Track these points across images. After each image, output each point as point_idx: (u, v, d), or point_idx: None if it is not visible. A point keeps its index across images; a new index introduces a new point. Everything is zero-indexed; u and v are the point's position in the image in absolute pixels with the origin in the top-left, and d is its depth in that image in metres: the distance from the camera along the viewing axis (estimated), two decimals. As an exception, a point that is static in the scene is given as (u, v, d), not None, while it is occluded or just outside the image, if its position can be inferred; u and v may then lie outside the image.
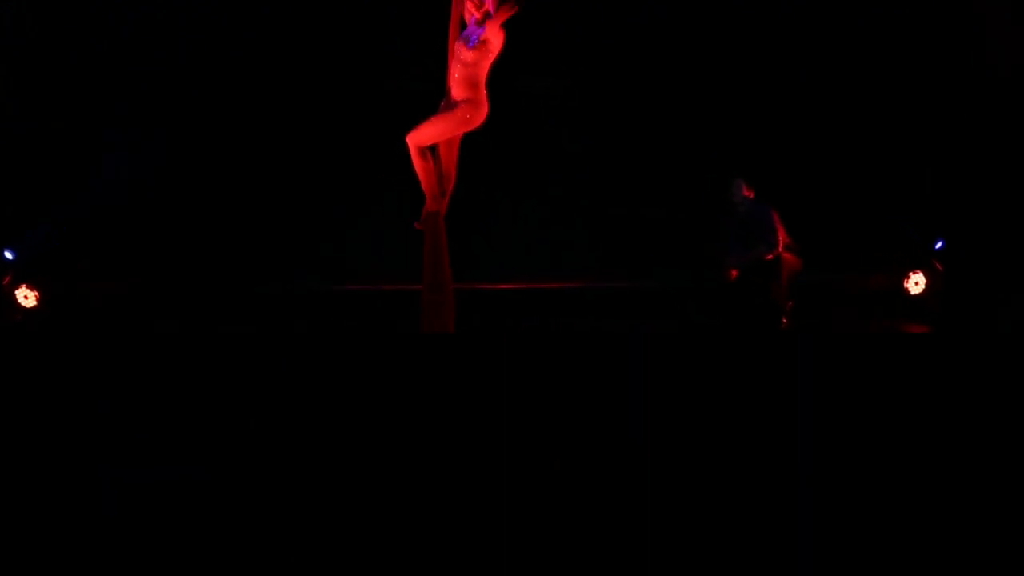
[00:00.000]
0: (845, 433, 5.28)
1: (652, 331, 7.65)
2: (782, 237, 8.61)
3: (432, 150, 7.05)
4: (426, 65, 7.42)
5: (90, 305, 8.71)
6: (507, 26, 6.83)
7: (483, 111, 6.94)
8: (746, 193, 8.72)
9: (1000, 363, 5.56)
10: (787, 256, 8.63)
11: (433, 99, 7.11)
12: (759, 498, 4.88)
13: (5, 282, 8.95)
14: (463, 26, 7.00)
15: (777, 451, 5.13)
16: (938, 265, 9.15)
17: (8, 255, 8.86)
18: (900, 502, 5.04)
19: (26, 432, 5.00)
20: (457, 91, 6.95)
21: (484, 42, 6.82)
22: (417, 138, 6.97)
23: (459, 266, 7.16)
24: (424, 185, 7.04)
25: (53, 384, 5.17)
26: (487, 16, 6.82)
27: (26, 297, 8.89)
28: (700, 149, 9.83)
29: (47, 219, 9.14)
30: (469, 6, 6.87)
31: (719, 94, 9.87)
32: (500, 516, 4.62)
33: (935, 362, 5.66)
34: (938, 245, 9.24)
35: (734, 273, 8.61)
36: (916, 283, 9.20)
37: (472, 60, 6.86)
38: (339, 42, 9.82)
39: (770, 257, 8.49)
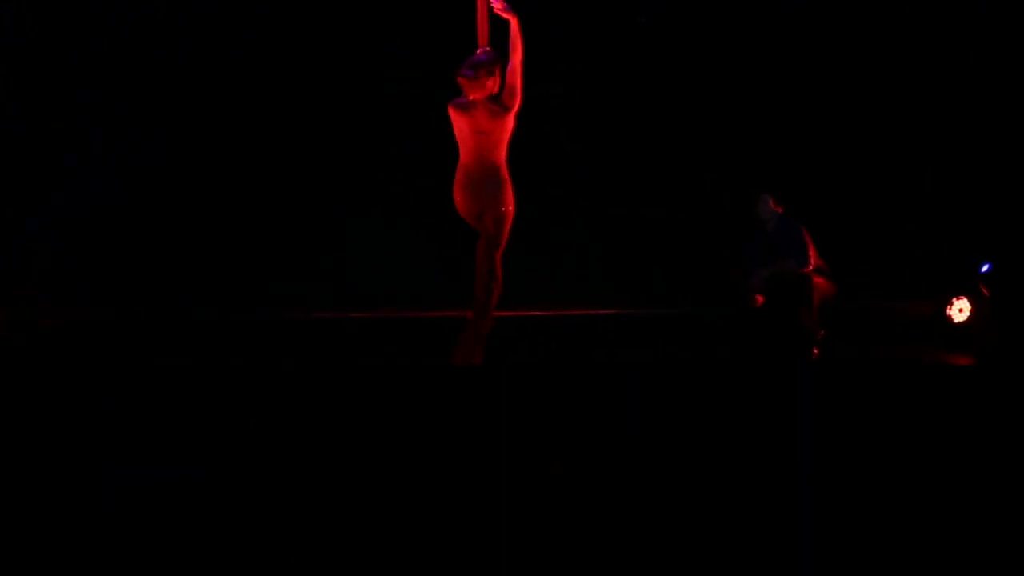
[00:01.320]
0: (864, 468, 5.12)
1: (650, 365, 7.52)
2: (813, 257, 8.31)
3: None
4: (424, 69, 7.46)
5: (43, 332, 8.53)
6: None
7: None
8: (773, 207, 8.40)
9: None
10: (818, 280, 8.32)
11: (429, 104, 6.97)
12: (760, 507, 4.82)
13: None
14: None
15: (780, 465, 5.04)
16: (984, 290, 8.85)
17: None
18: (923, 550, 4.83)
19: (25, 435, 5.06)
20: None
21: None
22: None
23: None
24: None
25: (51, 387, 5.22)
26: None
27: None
28: (722, 164, 9.70)
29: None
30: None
31: (742, 104, 9.74)
32: (500, 516, 4.62)
33: (978, 398, 5.43)
34: (984, 268, 8.93)
35: (759, 299, 8.31)
36: (960, 310, 8.94)
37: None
38: (331, 48, 9.68)
39: (801, 272, 8.21)
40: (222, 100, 9.58)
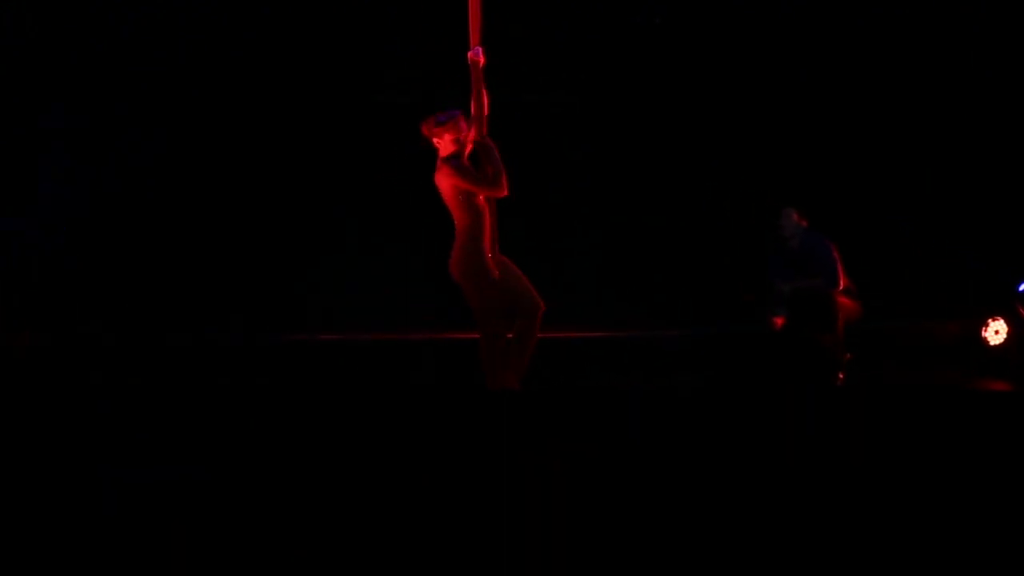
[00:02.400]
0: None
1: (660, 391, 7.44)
2: (842, 276, 8.06)
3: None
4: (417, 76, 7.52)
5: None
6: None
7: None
8: (797, 221, 8.17)
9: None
10: (843, 300, 8.05)
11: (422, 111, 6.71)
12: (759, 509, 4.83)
13: None
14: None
15: (805, 496, 4.95)
16: (1022, 311, 8.66)
17: None
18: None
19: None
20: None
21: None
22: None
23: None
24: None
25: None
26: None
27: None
28: (737, 177, 9.68)
29: None
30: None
31: (760, 112, 9.70)
32: (500, 517, 4.65)
33: (1015, 425, 5.29)
34: (1022, 288, 8.76)
35: (779, 321, 8.05)
36: (996, 332, 8.69)
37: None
38: (320, 59, 9.66)
39: (830, 291, 7.97)
40: (204, 113, 9.62)
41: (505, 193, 6.43)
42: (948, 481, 4.98)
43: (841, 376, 7.94)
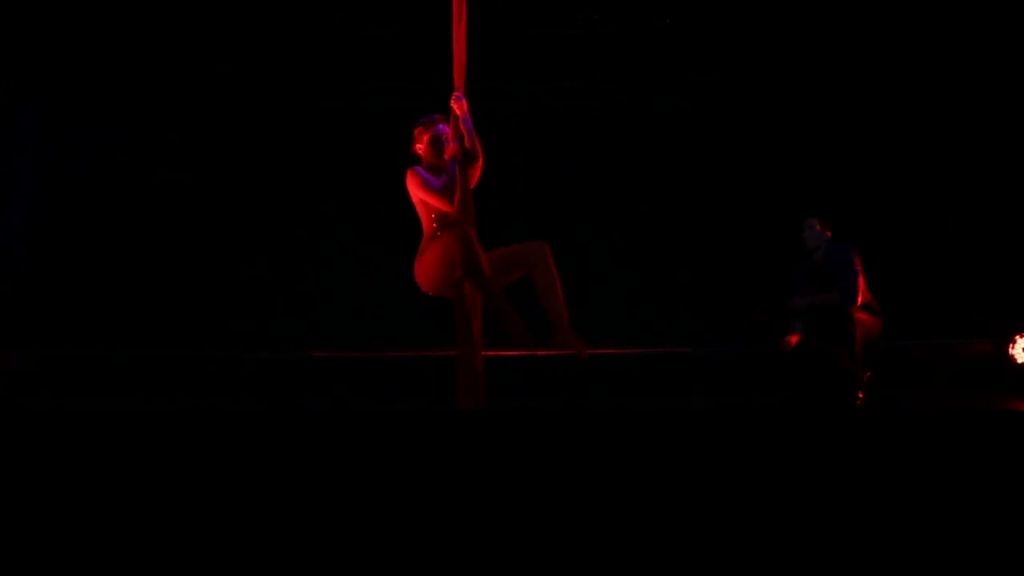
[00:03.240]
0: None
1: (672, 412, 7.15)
2: (862, 288, 7.78)
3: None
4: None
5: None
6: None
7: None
8: (820, 231, 7.94)
9: None
10: (861, 316, 7.76)
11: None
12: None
13: None
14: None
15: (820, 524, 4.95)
16: None
17: None
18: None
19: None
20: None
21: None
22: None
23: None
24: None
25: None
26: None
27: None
28: (761, 188, 9.55)
29: None
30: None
31: (782, 124, 9.68)
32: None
33: None
34: None
35: (793, 340, 7.79)
36: None
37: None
38: (311, 68, 9.63)
39: (847, 306, 7.68)
40: (187, 119, 9.62)
41: (447, 209, 6.39)
42: (973, 509, 4.91)
43: (861, 396, 7.66)
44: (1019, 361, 8.48)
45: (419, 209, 6.49)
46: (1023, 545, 4.84)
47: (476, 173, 6.58)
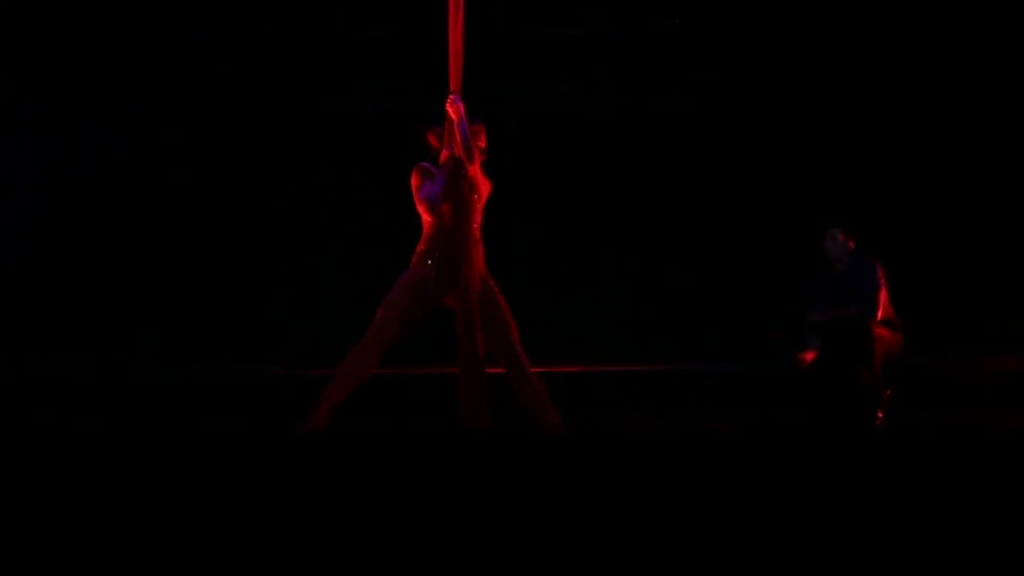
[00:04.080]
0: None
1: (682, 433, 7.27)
2: (883, 302, 7.69)
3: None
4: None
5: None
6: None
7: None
8: (842, 239, 7.78)
9: None
10: (881, 331, 7.62)
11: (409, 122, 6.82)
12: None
13: None
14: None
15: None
16: None
17: None
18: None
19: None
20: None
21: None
22: None
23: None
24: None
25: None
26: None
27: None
28: (777, 196, 9.53)
29: None
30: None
31: (803, 126, 9.61)
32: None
33: None
34: None
35: (808, 356, 7.61)
36: None
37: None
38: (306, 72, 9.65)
39: (866, 321, 7.55)
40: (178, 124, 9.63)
41: (422, 214, 6.54)
42: (999, 536, 4.75)
43: (881, 415, 7.49)
44: (1051, 378, 8.33)
45: (418, 208, 6.51)
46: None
47: (481, 185, 6.49)
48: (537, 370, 6.79)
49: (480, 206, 6.55)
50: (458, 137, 6.40)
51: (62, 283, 9.46)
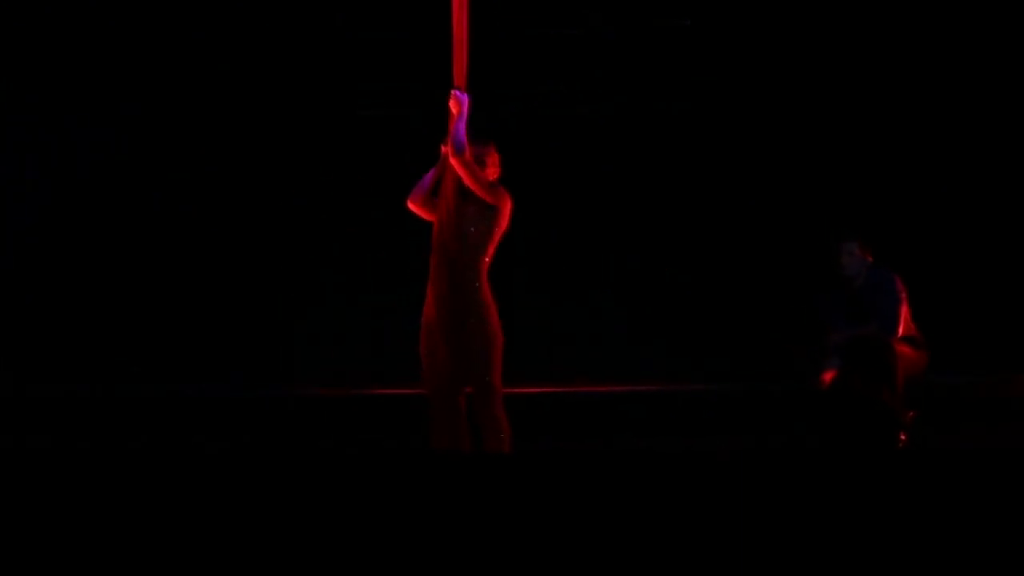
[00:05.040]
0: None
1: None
2: (904, 318, 7.56)
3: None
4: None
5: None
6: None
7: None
8: (860, 253, 7.68)
9: None
10: (903, 349, 7.48)
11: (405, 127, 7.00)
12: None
13: None
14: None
15: None
16: None
17: None
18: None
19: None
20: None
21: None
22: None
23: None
24: None
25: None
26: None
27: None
28: (790, 207, 9.36)
29: None
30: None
31: (820, 133, 9.44)
32: None
33: None
34: None
35: (828, 376, 7.54)
36: None
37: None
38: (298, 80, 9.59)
39: (886, 338, 7.39)
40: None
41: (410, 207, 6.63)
42: None
43: (903, 438, 7.33)
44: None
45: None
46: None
47: (470, 183, 6.37)
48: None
49: (473, 229, 6.43)
50: (451, 129, 6.37)
51: (56, 286, 9.49)
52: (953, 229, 9.26)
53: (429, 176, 6.51)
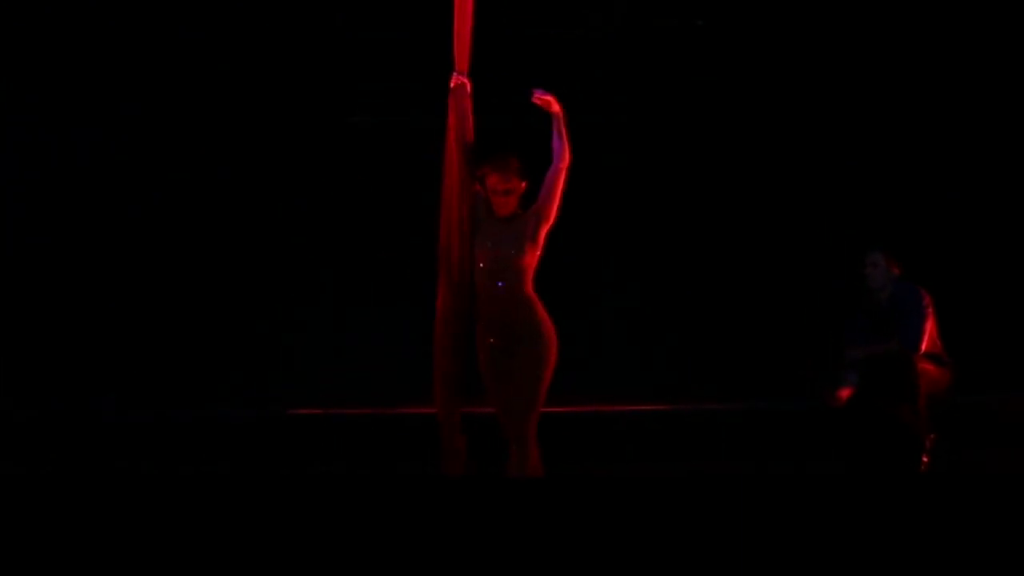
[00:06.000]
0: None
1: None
2: (929, 334, 7.38)
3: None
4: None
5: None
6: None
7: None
8: (886, 265, 7.53)
9: None
10: (927, 366, 7.38)
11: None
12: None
13: None
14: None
15: None
16: None
17: None
18: None
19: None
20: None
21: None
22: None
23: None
24: None
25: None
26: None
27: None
28: (811, 216, 9.13)
29: None
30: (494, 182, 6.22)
31: (841, 139, 9.18)
32: None
33: None
34: None
35: (844, 394, 7.40)
36: None
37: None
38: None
39: (908, 355, 7.30)
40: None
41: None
42: None
43: (925, 461, 7.28)
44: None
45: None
46: None
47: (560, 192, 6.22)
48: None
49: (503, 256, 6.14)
50: (560, 134, 6.13)
51: (37, 301, 9.34)
52: (985, 243, 9.11)
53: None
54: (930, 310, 7.46)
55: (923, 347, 7.37)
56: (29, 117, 9.38)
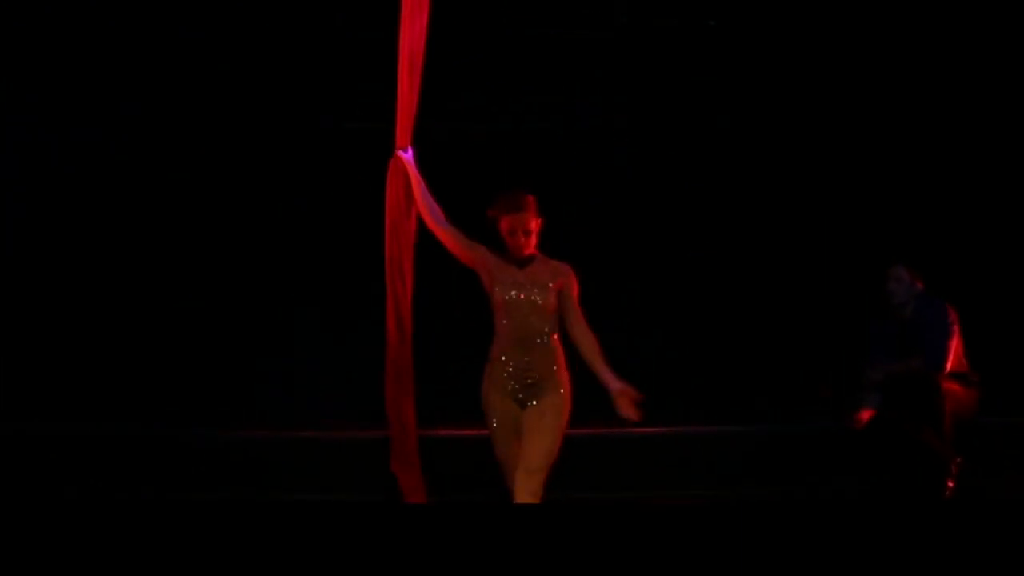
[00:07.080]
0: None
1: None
2: (954, 352, 7.23)
3: None
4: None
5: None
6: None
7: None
8: (909, 279, 7.38)
9: None
10: (952, 386, 7.21)
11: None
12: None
13: None
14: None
15: None
16: None
17: None
18: None
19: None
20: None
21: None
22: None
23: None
24: None
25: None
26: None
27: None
28: (830, 227, 8.94)
29: None
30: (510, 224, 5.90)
31: (859, 146, 9.00)
32: None
33: None
34: None
35: (865, 415, 7.25)
36: None
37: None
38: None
39: (933, 374, 7.15)
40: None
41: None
42: None
43: (951, 486, 7.13)
44: None
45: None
46: None
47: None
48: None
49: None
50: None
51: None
52: (1014, 258, 8.98)
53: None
54: (956, 327, 7.31)
55: (948, 366, 7.20)
56: (29, 117, 9.35)
